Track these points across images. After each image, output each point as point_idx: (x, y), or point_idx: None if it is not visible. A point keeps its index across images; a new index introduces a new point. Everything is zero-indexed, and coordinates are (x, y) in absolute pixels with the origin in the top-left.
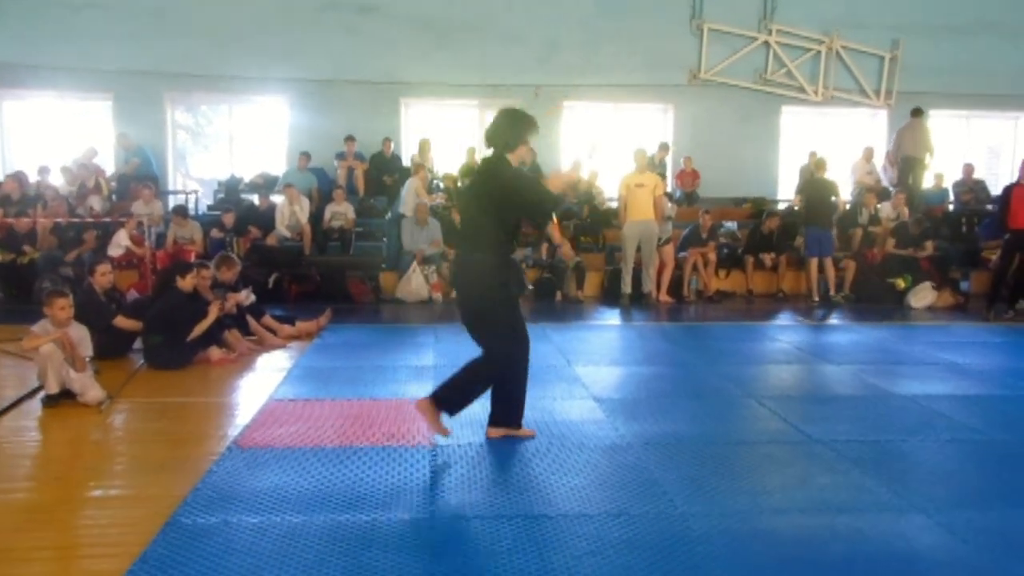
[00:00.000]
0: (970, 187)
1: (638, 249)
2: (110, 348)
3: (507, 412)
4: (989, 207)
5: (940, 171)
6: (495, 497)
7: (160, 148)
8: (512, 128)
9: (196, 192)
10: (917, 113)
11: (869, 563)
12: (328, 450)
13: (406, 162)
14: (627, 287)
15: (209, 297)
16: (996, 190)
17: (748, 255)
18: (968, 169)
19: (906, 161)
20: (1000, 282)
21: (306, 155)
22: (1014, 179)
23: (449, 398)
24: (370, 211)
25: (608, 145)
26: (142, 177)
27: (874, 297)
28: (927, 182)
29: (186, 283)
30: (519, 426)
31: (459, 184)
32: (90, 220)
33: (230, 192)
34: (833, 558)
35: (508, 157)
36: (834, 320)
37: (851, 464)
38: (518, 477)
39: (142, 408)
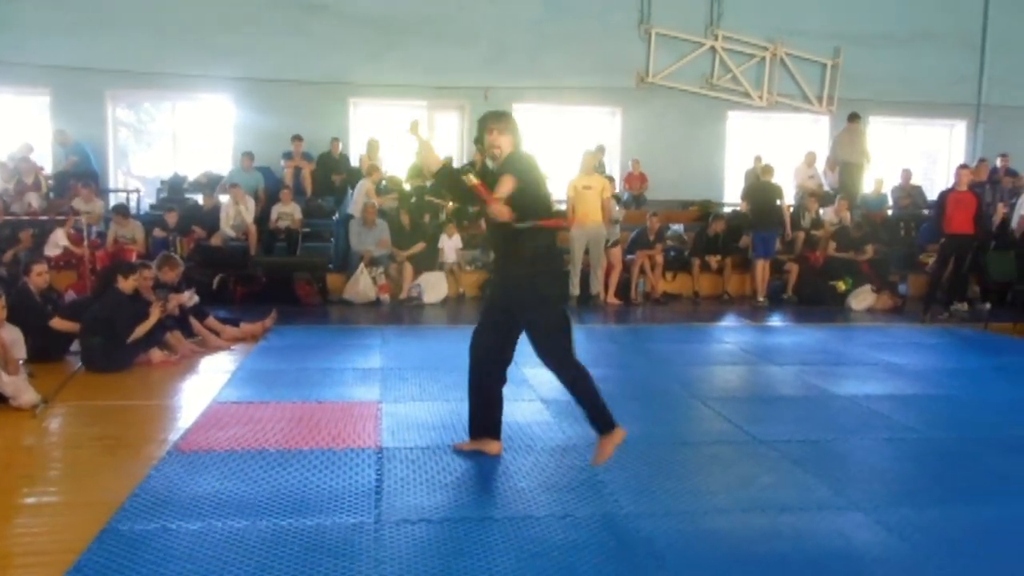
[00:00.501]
0: (908, 192)
1: (586, 251)
2: (46, 350)
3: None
4: (926, 212)
5: (880, 176)
6: (441, 500)
7: (100, 145)
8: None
9: (138, 191)
10: (853, 119)
11: (810, 561)
12: (272, 453)
13: (355, 162)
14: (575, 289)
15: (151, 298)
16: (933, 195)
17: (695, 257)
18: (906, 175)
19: (844, 166)
20: (936, 285)
21: (249, 155)
22: (949, 185)
23: (595, 420)
24: (318, 211)
25: (557, 147)
26: (81, 175)
27: (816, 299)
28: (867, 187)
29: (127, 284)
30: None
31: (406, 186)
32: (26, 218)
33: (173, 191)
34: (775, 556)
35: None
36: (777, 322)
37: (793, 464)
38: (465, 480)
39: (79, 412)
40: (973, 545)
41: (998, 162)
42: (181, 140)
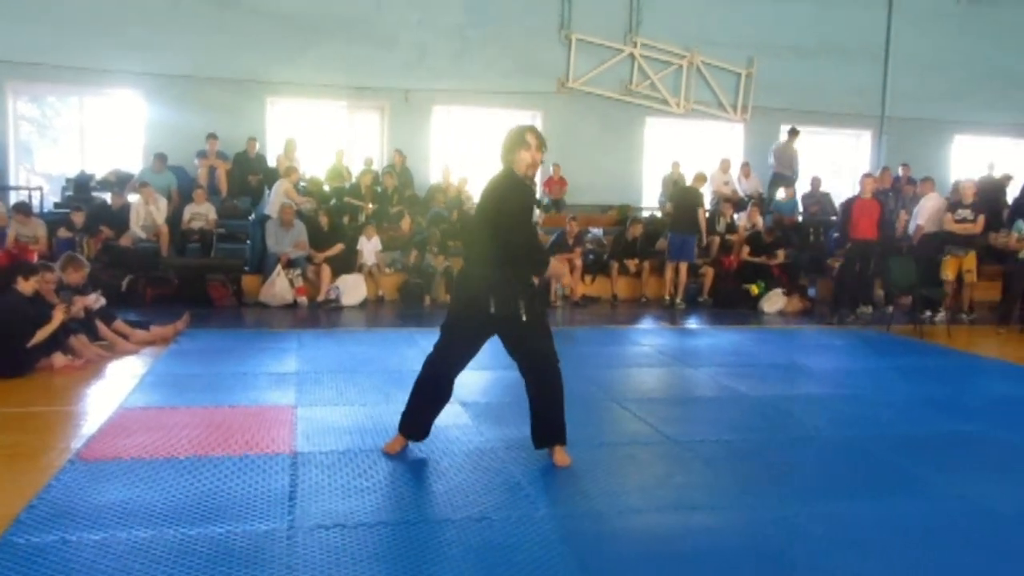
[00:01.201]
0: (817, 199)
1: None
2: None
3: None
4: (833, 218)
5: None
6: (357, 505)
7: (0, 141)
8: (507, 144)
9: (41, 189)
10: (793, 133)
11: (721, 557)
12: (181, 461)
13: (271, 162)
14: None
15: (53, 300)
16: (840, 202)
17: (613, 261)
18: (815, 182)
19: (775, 176)
20: (843, 288)
21: (161, 157)
22: (855, 193)
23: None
24: (233, 212)
25: (477, 150)
26: None
27: (730, 302)
28: (779, 194)
29: (27, 285)
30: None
31: (325, 187)
32: None
33: (80, 190)
34: (687, 553)
35: (513, 171)
36: (693, 324)
37: (705, 464)
38: (381, 484)
39: None
40: (871, 538)
41: (900, 171)
42: (89, 136)
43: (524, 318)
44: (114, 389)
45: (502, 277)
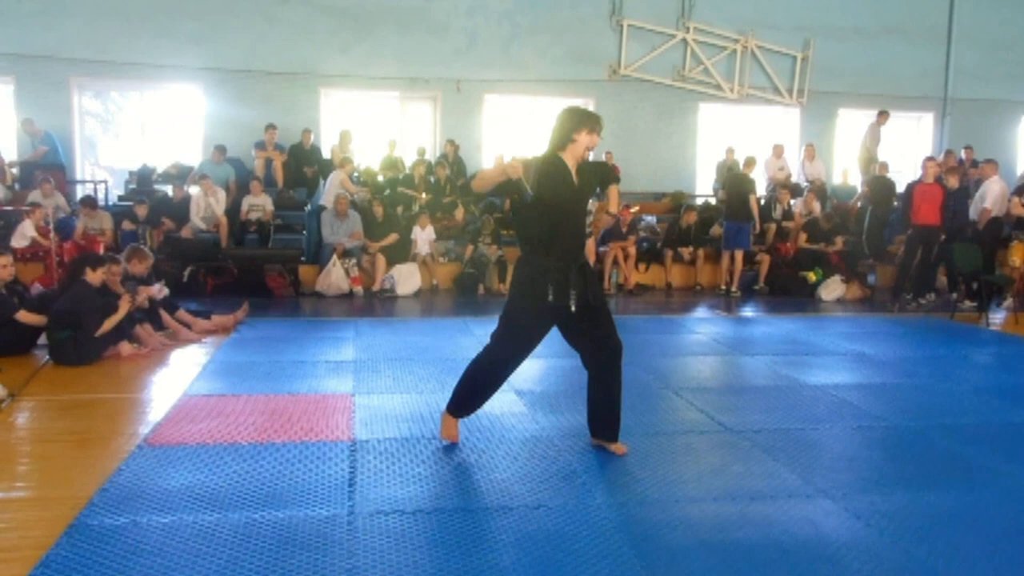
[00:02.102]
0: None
1: None
2: (12, 344)
3: (452, 396)
4: (895, 204)
5: (847, 168)
6: (415, 492)
7: (67, 135)
8: (561, 126)
9: (105, 182)
10: (882, 115)
11: (779, 547)
12: (244, 447)
13: (326, 154)
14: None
15: (119, 291)
16: (901, 187)
17: (667, 249)
18: (875, 167)
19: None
20: (905, 275)
21: (221, 149)
22: (917, 177)
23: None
24: (289, 203)
25: (529, 138)
26: (49, 165)
27: (786, 290)
28: (837, 179)
29: (95, 276)
30: (447, 411)
31: (379, 178)
32: None
33: (142, 182)
34: (746, 543)
35: (560, 155)
36: (749, 312)
37: (763, 452)
38: (439, 471)
39: (46, 406)
40: (938, 531)
41: (963, 154)
42: (150, 130)
43: (572, 308)
44: (178, 377)
45: (557, 264)
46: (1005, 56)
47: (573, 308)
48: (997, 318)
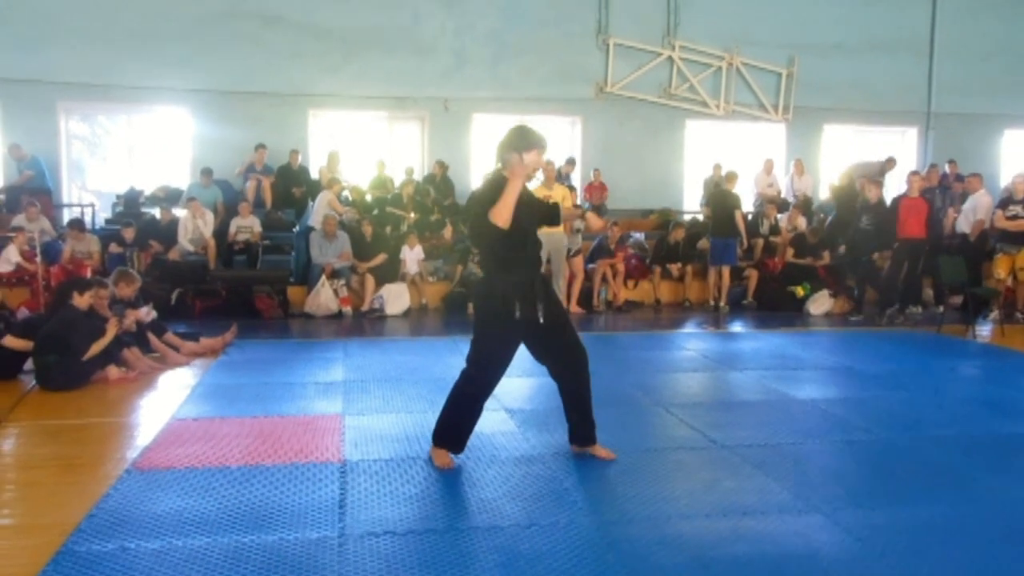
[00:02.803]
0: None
1: (548, 260)
2: None
3: (439, 429)
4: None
5: (833, 182)
6: (406, 512)
7: (54, 159)
8: (505, 143)
9: (93, 205)
10: (889, 162)
11: (771, 563)
12: (233, 470)
13: (314, 174)
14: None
15: (107, 314)
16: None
17: (656, 265)
18: (860, 182)
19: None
20: (892, 289)
21: (207, 172)
22: (902, 191)
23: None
24: (277, 224)
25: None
26: (35, 190)
27: (775, 304)
28: (824, 193)
29: (83, 300)
30: (437, 444)
31: (368, 197)
32: None
33: (129, 205)
34: (738, 559)
35: (503, 172)
36: (738, 328)
37: (754, 468)
38: (429, 492)
39: (33, 431)
40: (927, 543)
41: (947, 168)
42: (137, 153)
43: (541, 320)
44: (166, 400)
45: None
46: (986, 69)
47: (542, 320)
48: (983, 331)
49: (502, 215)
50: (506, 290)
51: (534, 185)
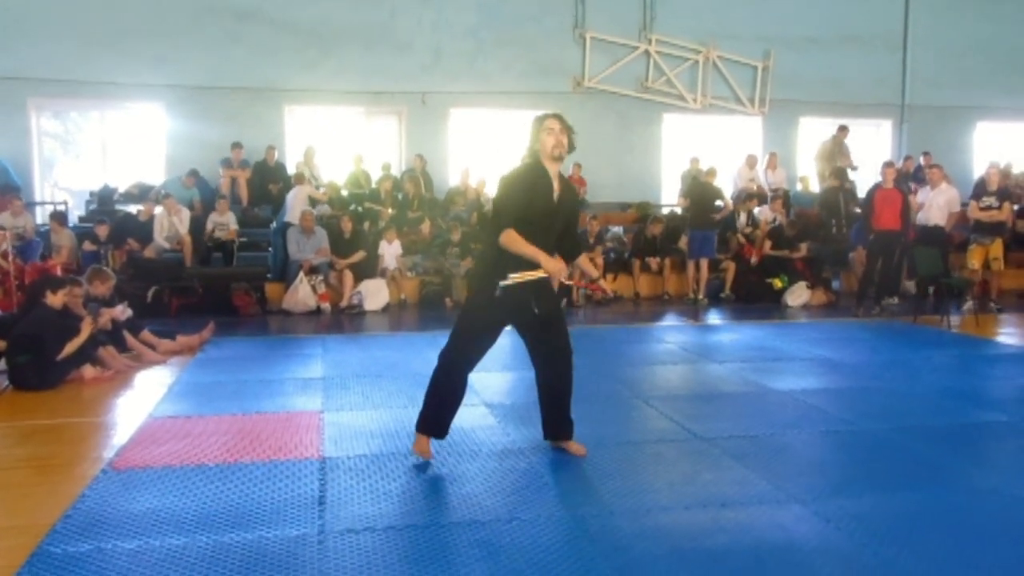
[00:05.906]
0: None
1: None
2: None
3: (420, 414)
4: (857, 210)
5: (808, 175)
6: (386, 508)
7: (25, 157)
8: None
9: (65, 203)
10: (842, 130)
11: (751, 553)
12: (211, 468)
13: (291, 170)
14: None
15: (81, 313)
16: (861, 193)
17: (634, 259)
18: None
19: (836, 170)
20: (868, 280)
21: (193, 174)
22: (877, 182)
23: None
24: (254, 220)
25: (495, 151)
26: (1, 188)
27: (753, 297)
28: (799, 185)
29: (56, 299)
30: (419, 430)
31: (343, 193)
32: None
33: (103, 203)
34: (718, 550)
35: (544, 164)
36: (716, 320)
37: (733, 459)
38: (410, 487)
39: (7, 432)
40: (906, 532)
41: (921, 160)
42: (111, 150)
43: (536, 311)
44: (143, 399)
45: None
46: (960, 62)
47: (536, 311)
48: (958, 321)
49: (510, 247)
50: (506, 263)
51: None
